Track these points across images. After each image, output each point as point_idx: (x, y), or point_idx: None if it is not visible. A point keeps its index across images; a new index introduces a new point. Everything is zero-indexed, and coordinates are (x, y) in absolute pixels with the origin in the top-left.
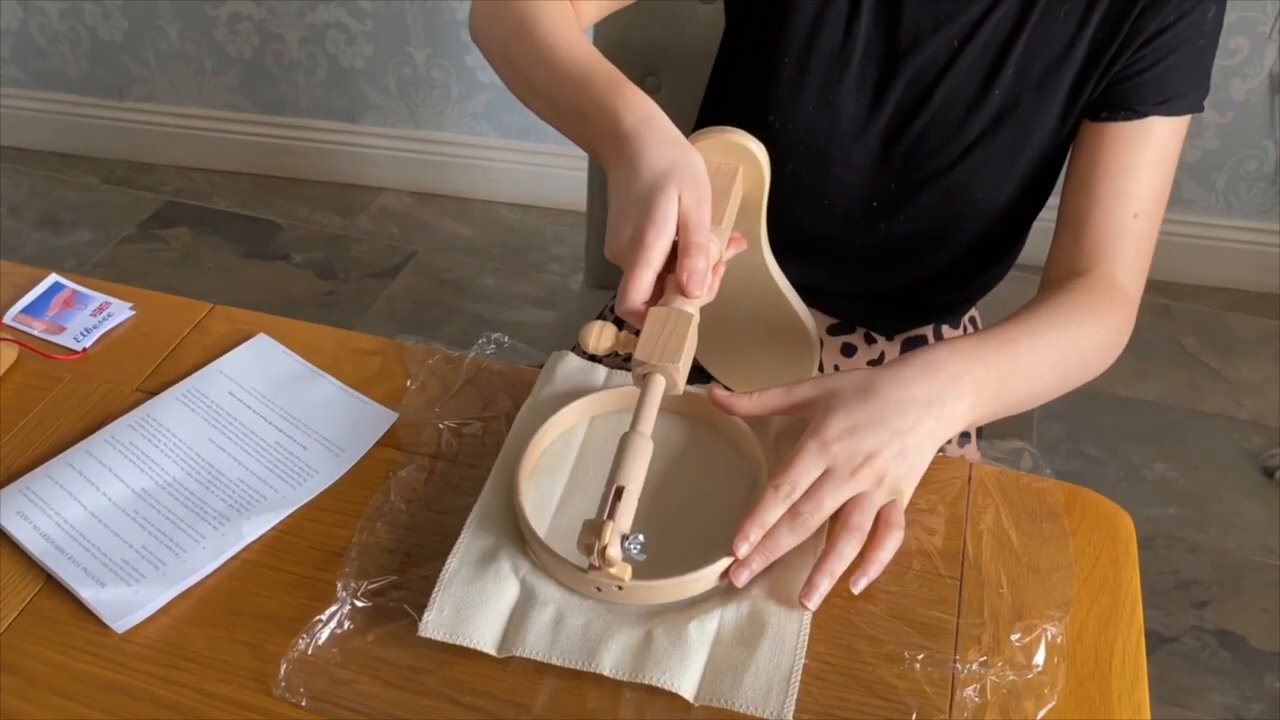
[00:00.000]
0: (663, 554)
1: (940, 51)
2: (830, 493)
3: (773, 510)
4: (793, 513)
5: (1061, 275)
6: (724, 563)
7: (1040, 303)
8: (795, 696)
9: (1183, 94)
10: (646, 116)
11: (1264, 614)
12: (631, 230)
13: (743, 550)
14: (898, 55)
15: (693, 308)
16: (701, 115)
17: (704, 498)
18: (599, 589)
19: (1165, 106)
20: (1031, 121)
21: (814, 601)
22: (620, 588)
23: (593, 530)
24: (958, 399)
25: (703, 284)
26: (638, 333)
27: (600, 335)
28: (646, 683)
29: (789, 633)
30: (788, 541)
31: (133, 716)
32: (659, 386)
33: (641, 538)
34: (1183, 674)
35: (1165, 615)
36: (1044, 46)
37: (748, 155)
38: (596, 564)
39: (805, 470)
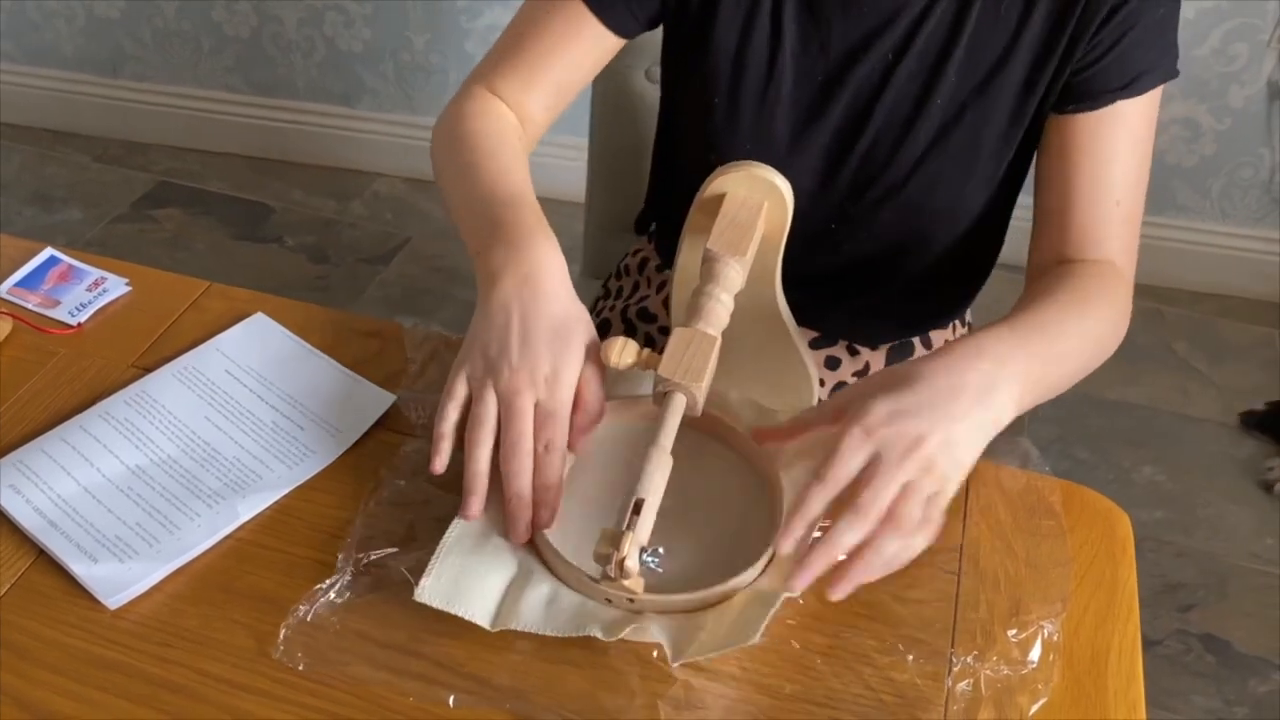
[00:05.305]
0: (668, 567)
1: (875, 68)
2: (885, 480)
3: (818, 503)
4: (852, 505)
5: (1049, 264)
6: (739, 579)
7: (1055, 287)
8: (768, 623)
9: (1148, 69)
10: (529, 274)
11: (1249, 618)
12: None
13: (786, 546)
14: (830, 78)
15: (716, 330)
16: (656, 151)
17: (711, 513)
18: (609, 600)
19: (1132, 88)
20: (981, 126)
21: (841, 592)
22: (631, 600)
23: (610, 540)
24: (1008, 386)
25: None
26: (661, 350)
27: (623, 351)
28: (633, 640)
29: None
30: (850, 538)
31: (124, 693)
32: (680, 405)
33: (661, 550)
34: (1167, 677)
35: (1151, 618)
36: (986, 48)
37: (774, 191)
38: (613, 575)
39: (849, 460)
